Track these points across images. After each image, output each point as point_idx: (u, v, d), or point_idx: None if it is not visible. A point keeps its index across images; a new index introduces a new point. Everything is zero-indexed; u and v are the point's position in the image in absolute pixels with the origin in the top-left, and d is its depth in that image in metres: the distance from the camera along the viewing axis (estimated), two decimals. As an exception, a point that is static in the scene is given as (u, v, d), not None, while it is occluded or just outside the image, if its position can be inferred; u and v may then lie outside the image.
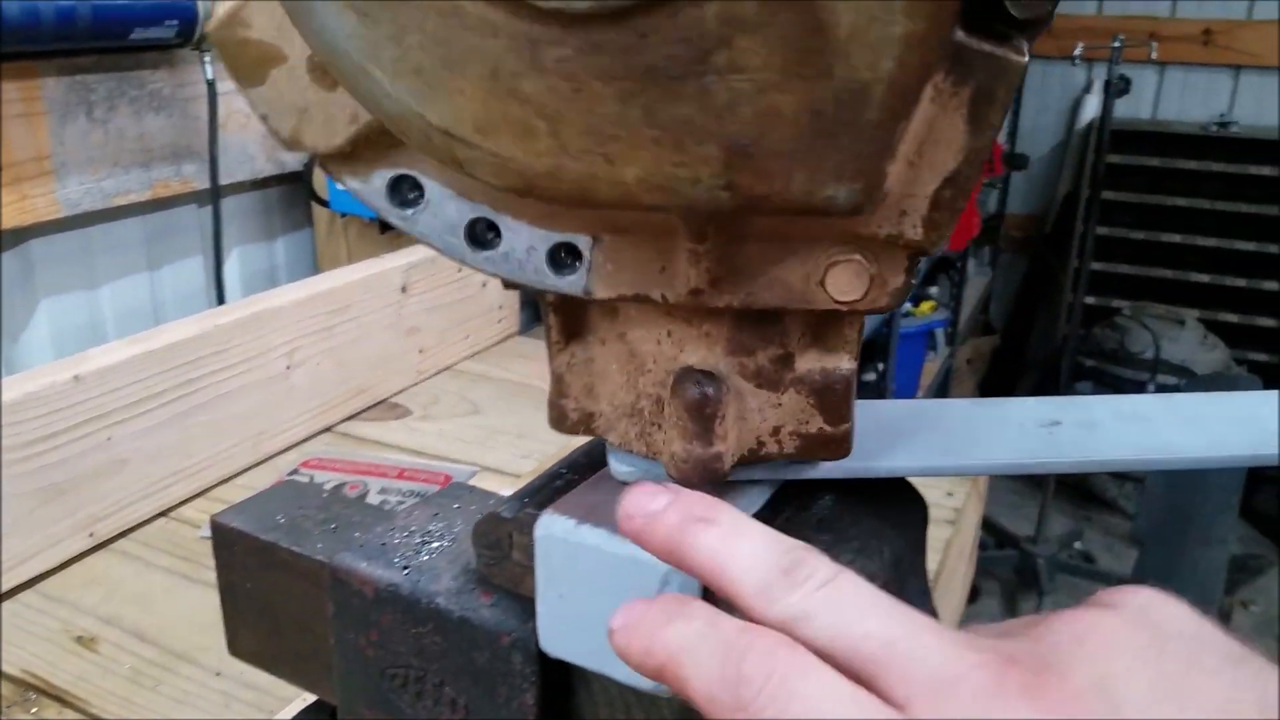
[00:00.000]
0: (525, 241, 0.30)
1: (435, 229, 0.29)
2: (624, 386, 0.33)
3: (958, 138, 0.25)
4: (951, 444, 0.38)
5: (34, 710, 0.62)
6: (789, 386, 0.32)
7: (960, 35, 0.24)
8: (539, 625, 0.35)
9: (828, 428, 0.33)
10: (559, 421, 0.35)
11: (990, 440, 0.39)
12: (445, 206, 0.29)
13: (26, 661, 0.66)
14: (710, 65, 0.21)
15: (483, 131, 0.23)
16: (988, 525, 2.89)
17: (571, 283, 0.30)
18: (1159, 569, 2.02)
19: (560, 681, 0.39)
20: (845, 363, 0.32)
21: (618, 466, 0.36)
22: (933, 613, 0.39)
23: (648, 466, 0.35)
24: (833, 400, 0.32)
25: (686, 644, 0.25)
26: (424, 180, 0.29)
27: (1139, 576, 2.02)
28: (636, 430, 0.33)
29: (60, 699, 0.63)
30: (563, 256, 0.30)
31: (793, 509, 0.37)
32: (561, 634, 0.35)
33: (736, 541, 0.27)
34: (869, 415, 0.40)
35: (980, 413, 0.41)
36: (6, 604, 0.72)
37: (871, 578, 0.35)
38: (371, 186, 0.28)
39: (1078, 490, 3.19)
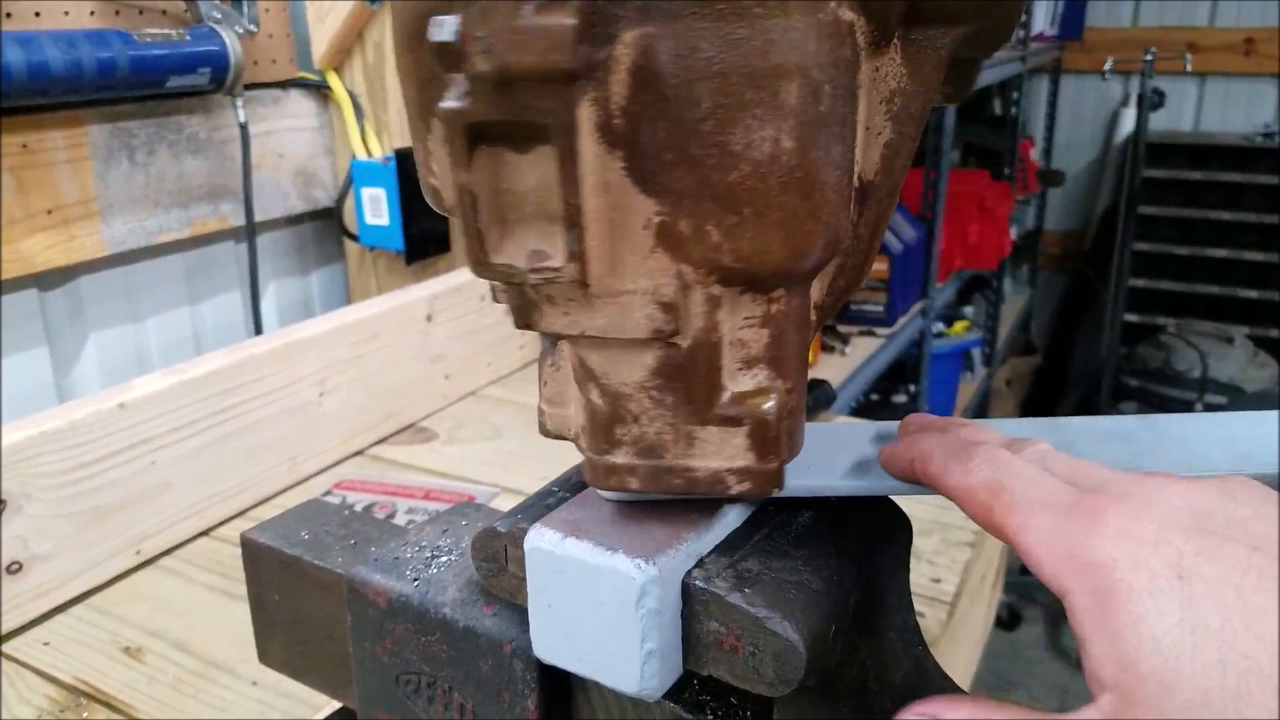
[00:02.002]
0: None
1: None
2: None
3: None
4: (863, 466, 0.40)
5: (84, 714, 0.65)
6: None
7: None
8: (532, 633, 0.37)
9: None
10: (541, 428, 0.38)
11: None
12: None
13: (78, 670, 0.70)
14: None
15: None
16: (1030, 547, 2.84)
17: None
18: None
19: (561, 686, 0.41)
20: None
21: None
22: (914, 628, 0.41)
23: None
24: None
25: (928, 445, 0.34)
26: None
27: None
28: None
29: (109, 705, 0.67)
30: None
31: (772, 526, 0.39)
32: (552, 641, 0.37)
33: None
34: (849, 435, 0.42)
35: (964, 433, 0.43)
36: (61, 616, 0.76)
37: (846, 592, 0.37)
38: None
39: (1123, 512, 3.13)
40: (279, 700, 0.66)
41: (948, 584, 0.81)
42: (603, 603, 0.35)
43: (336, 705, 0.55)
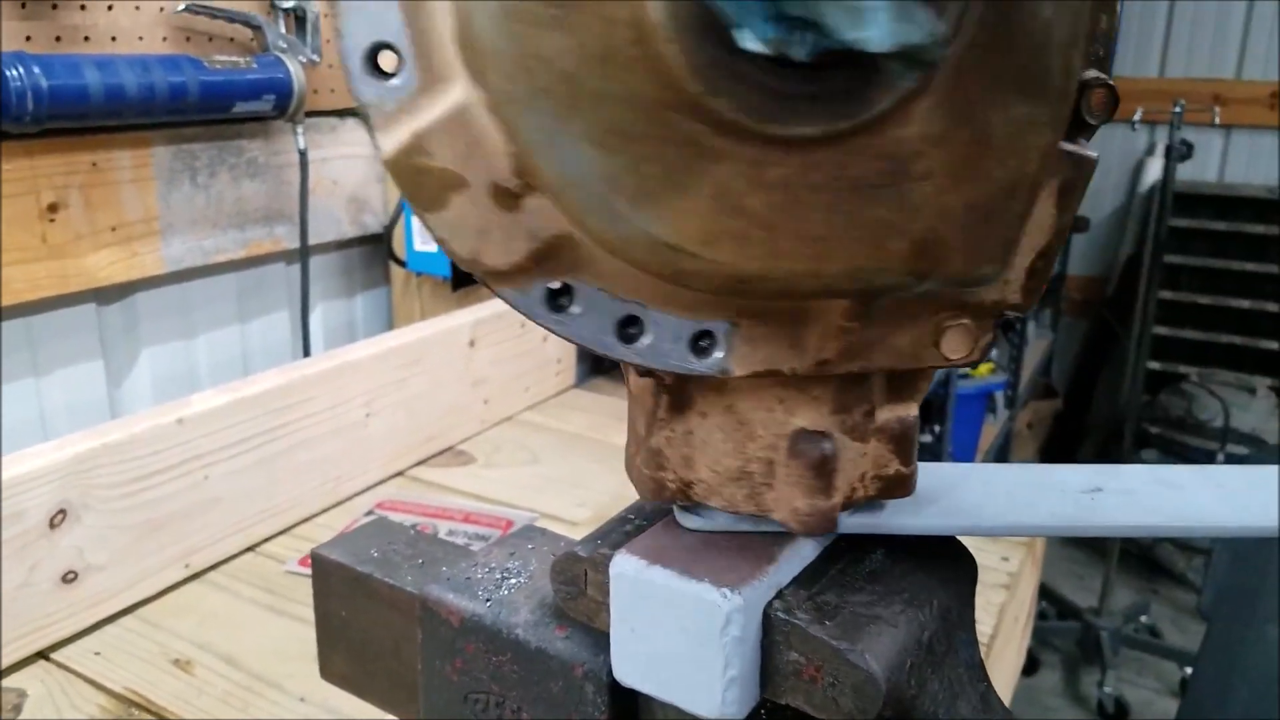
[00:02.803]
0: (670, 332, 0.33)
1: (588, 329, 0.32)
2: (729, 453, 0.36)
3: (1049, 220, 0.31)
4: (996, 505, 0.41)
5: (138, 726, 0.67)
6: (872, 436, 0.36)
7: None
8: (612, 655, 0.39)
9: (902, 469, 0.37)
10: (657, 492, 0.38)
11: (1034, 503, 0.41)
12: (597, 308, 0.32)
13: (129, 680, 0.71)
14: (904, 175, 0.26)
15: (707, 244, 0.27)
16: (1049, 595, 2.83)
17: (710, 364, 0.33)
18: (1226, 645, 1.96)
19: (629, 712, 0.42)
20: (913, 410, 0.37)
21: (684, 515, 0.39)
22: (979, 664, 0.42)
23: (711, 515, 0.39)
24: (906, 444, 0.37)
25: None
26: (578, 286, 0.32)
27: (1205, 653, 1.96)
28: (744, 493, 0.37)
29: (159, 715, 0.68)
30: (701, 342, 0.33)
31: (846, 561, 0.40)
32: (633, 664, 0.38)
33: None
34: (921, 476, 0.43)
35: (1024, 476, 0.44)
36: (111, 626, 0.78)
37: (920, 627, 0.38)
38: (530, 297, 0.31)
39: (1144, 562, 3.12)
40: (327, 716, 0.68)
41: (984, 625, 0.82)
42: (687, 629, 0.36)
43: (388, 721, 0.56)
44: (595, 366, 1.67)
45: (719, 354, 0.33)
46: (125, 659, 0.74)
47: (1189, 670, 2.45)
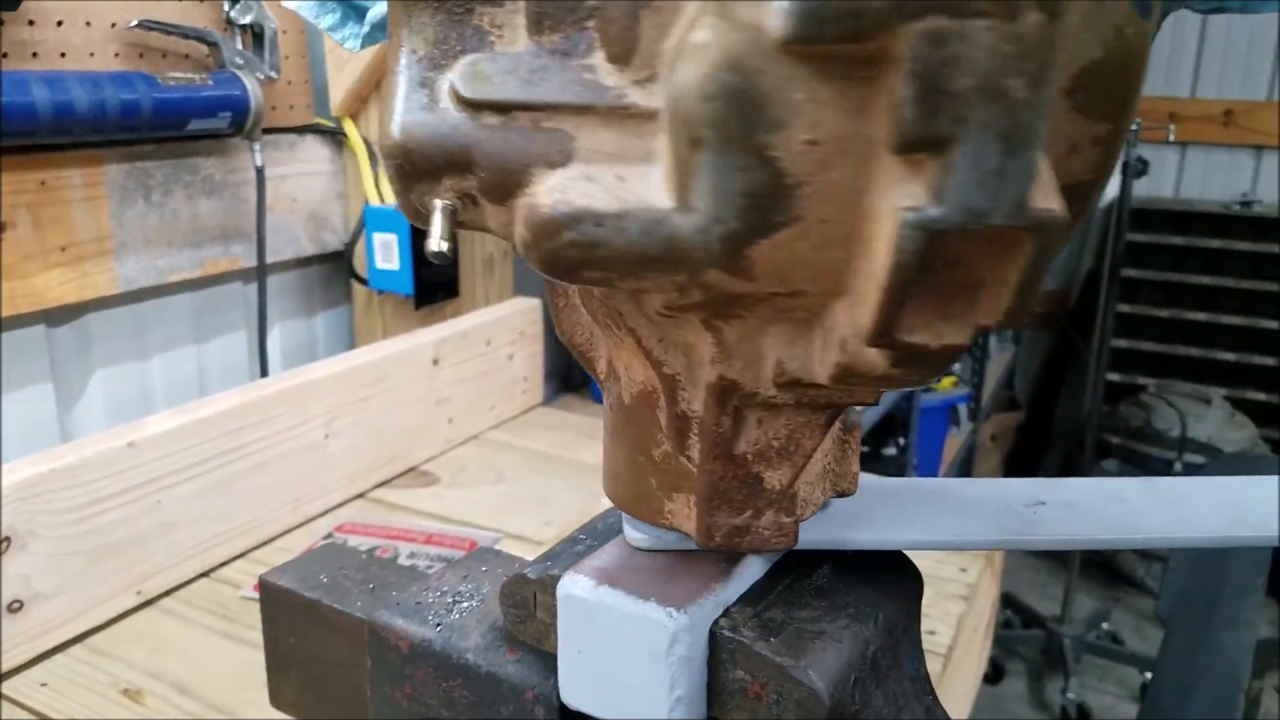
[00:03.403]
0: None
1: None
2: (819, 459, 0.38)
3: None
4: (939, 520, 0.42)
5: (85, 758, 0.65)
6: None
7: None
8: (560, 679, 0.39)
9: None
10: (796, 532, 0.37)
11: (977, 517, 0.42)
12: None
13: (77, 712, 0.70)
14: None
15: None
16: (1013, 604, 2.86)
17: None
18: (1184, 650, 1.99)
19: (579, 734, 0.42)
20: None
21: (633, 534, 0.40)
22: (924, 677, 0.42)
23: (660, 534, 0.39)
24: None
25: None
26: None
27: (1164, 658, 1.99)
28: (824, 485, 0.39)
29: (109, 748, 0.67)
30: None
31: (794, 577, 0.40)
32: (581, 687, 0.38)
33: None
34: (863, 490, 0.44)
35: (970, 491, 0.45)
36: (59, 656, 0.76)
37: (865, 642, 0.38)
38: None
39: (1105, 570, 3.16)
40: (282, 743, 0.67)
41: (942, 636, 0.82)
42: (634, 650, 0.36)
43: (345, 748, 0.55)
44: (564, 384, 1.67)
45: None
46: (74, 690, 0.72)
47: (1149, 675, 2.48)
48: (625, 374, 0.36)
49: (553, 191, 0.27)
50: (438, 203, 0.28)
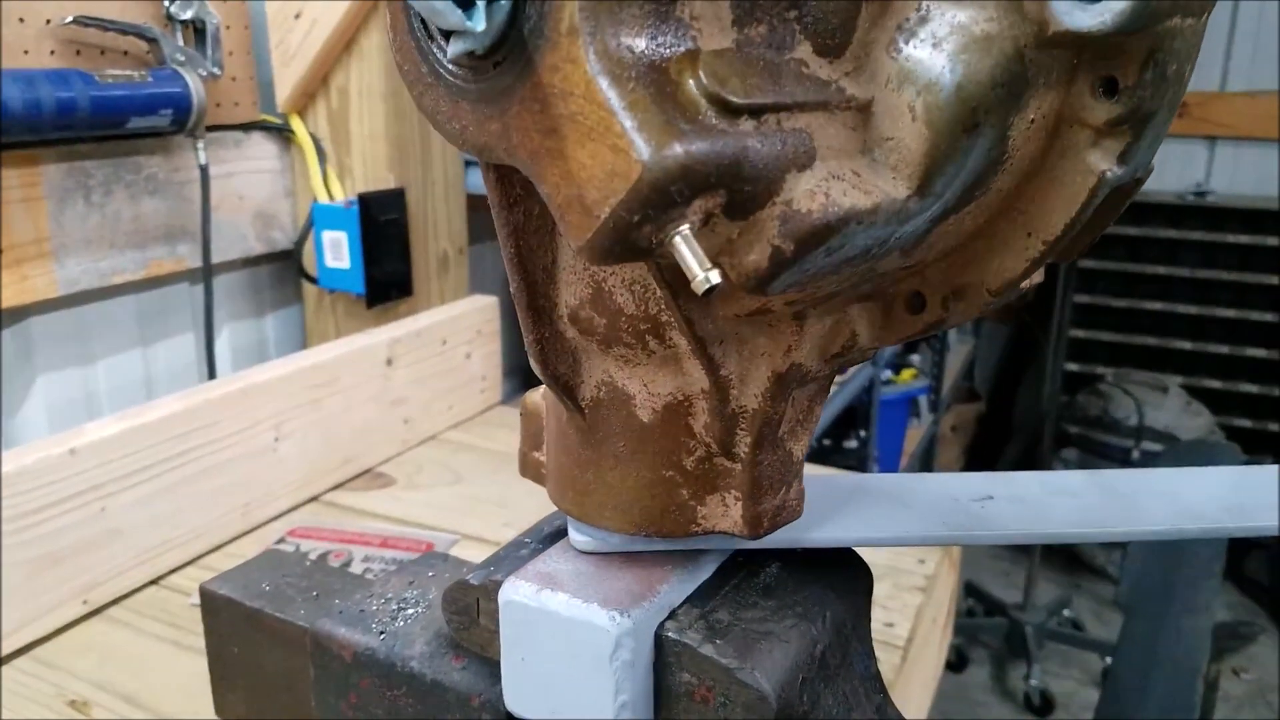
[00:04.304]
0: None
1: None
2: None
3: None
4: (888, 517, 0.41)
5: (25, 775, 0.63)
6: None
7: None
8: (504, 686, 0.38)
9: None
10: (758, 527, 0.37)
11: (925, 514, 0.41)
12: None
13: (21, 727, 0.68)
14: None
15: None
16: (976, 593, 2.89)
17: None
18: (1144, 635, 2.02)
19: (526, 741, 0.41)
20: None
21: (576, 537, 0.39)
22: (875, 675, 0.42)
23: (605, 536, 0.38)
24: None
25: None
26: None
27: (1124, 644, 2.01)
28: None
29: (51, 764, 0.65)
30: None
31: (741, 577, 0.40)
32: (525, 694, 0.37)
33: None
34: (813, 488, 0.43)
35: (919, 487, 0.44)
36: (4, 669, 0.74)
37: (813, 641, 0.38)
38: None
39: (1066, 557, 3.20)
40: (231, 754, 0.65)
41: (900, 628, 0.82)
42: (577, 655, 0.35)
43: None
44: (525, 382, 1.66)
45: None
46: (19, 703, 0.70)
47: (1109, 661, 2.51)
48: (644, 391, 0.35)
49: (815, 196, 0.25)
50: (682, 230, 0.24)
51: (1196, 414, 3.12)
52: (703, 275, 0.24)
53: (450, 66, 0.27)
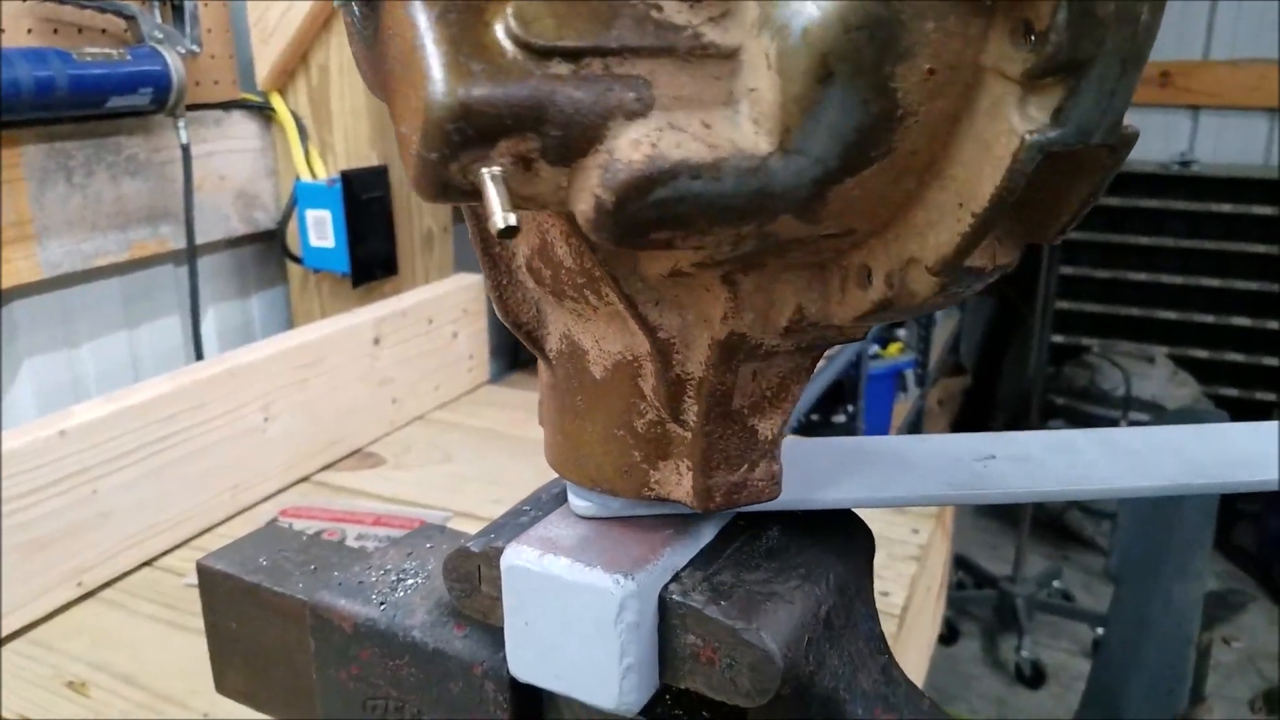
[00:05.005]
0: None
1: None
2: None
3: None
4: (889, 477, 0.41)
5: (26, 755, 0.63)
6: None
7: None
8: (508, 651, 0.37)
9: None
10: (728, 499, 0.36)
11: (927, 473, 0.41)
12: None
13: (22, 707, 0.68)
14: None
15: None
16: (965, 565, 2.91)
17: None
18: (1134, 605, 2.04)
19: (532, 709, 0.41)
20: None
21: (577, 502, 0.38)
22: (879, 636, 0.42)
23: (605, 500, 0.38)
24: None
25: None
26: None
27: (1115, 614, 2.03)
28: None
29: (53, 744, 0.64)
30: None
31: (743, 540, 0.39)
32: (529, 659, 0.37)
33: None
34: (814, 451, 0.43)
35: (920, 448, 0.44)
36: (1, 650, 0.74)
37: (818, 602, 0.38)
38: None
39: (1054, 528, 3.22)
40: (230, 732, 0.65)
41: (895, 597, 0.83)
42: (581, 619, 0.35)
43: (294, 735, 0.54)
44: (513, 361, 1.65)
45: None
46: (17, 684, 0.70)
47: (1100, 631, 2.54)
48: (596, 347, 0.34)
49: (640, 145, 0.24)
50: (489, 172, 0.24)
51: (1183, 384, 3.14)
52: (498, 216, 0.24)
53: (355, 13, 0.27)
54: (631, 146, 0.24)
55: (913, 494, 0.40)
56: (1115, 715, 1.98)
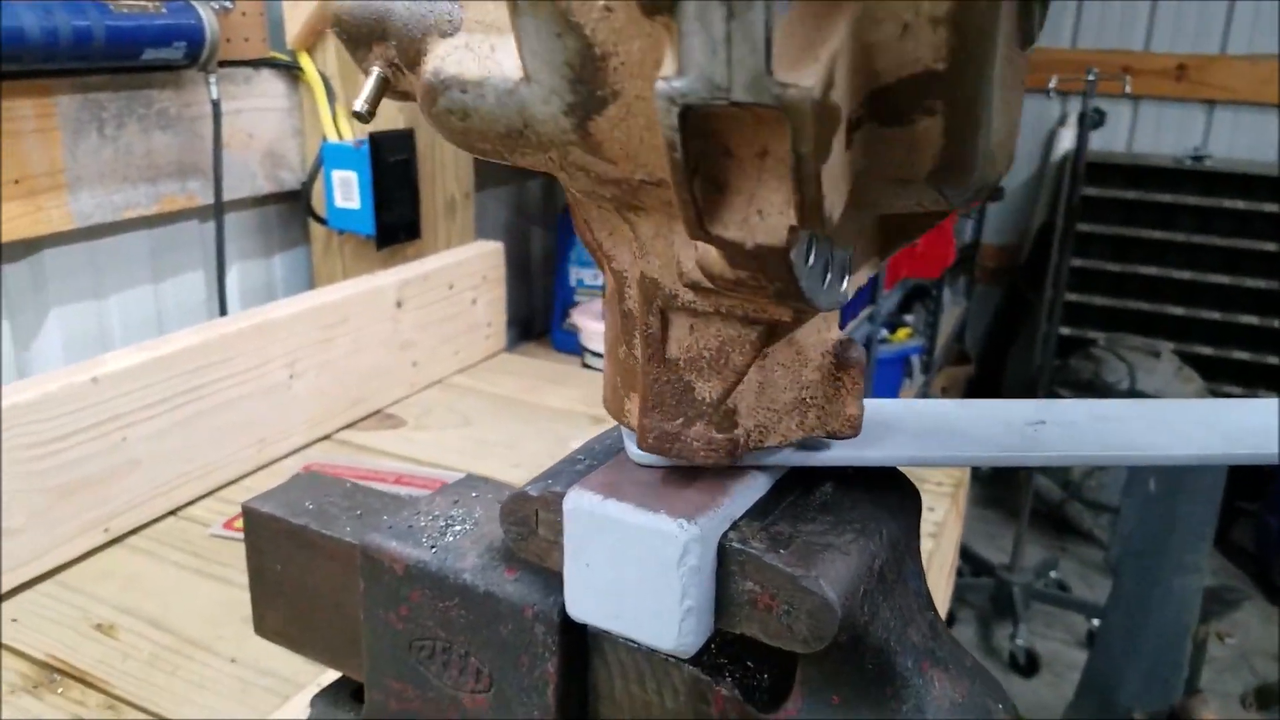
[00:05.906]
0: (840, 267, 0.31)
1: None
2: (788, 386, 0.36)
3: None
4: (942, 438, 0.42)
5: (59, 690, 0.64)
6: None
7: None
8: (566, 592, 0.38)
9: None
10: (731, 452, 0.36)
11: (978, 436, 0.42)
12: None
13: (49, 646, 0.68)
14: None
15: None
16: (964, 553, 2.92)
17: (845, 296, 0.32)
18: (1134, 595, 2.05)
19: (579, 652, 0.41)
20: None
21: (634, 450, 0.39)
22: (926, 594, 0.42)
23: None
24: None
25: None
26: None
27: (1114, 604, 2.05)
28: (797, 421, 0.37)
29: (83, 680, 0.65)
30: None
31: (797, 494, 0.40)
32: (587, 600, 0.38)
33: None
34: (866, 411, 0.43)
35: (966, 412, 0.45)
36: (28, 593, 0.74)
37: (872, 555, 0.38)
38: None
39: (1053, 520, 3.24)
40: (259, 677, 0.66)
41: (915, 573, 0.83)
42: (643, 561, 0.35)
43: (323, 681, 0.55)
44: (525, 332, 1.66)
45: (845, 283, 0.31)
46: (45, 625, 0.71)
47: (1095, 622, 2.55)
48: (608, 265, 0.36)
49: (434, 59, 0.29)
50: (373, 69, 0.31)
51: (1188, 379, 3.14)
52: (357, 105, 0.32)
53: None
54: (436, 59, 0.29)
55: (965, 454, 0.41)
56: (1111, 703, 2.00)
